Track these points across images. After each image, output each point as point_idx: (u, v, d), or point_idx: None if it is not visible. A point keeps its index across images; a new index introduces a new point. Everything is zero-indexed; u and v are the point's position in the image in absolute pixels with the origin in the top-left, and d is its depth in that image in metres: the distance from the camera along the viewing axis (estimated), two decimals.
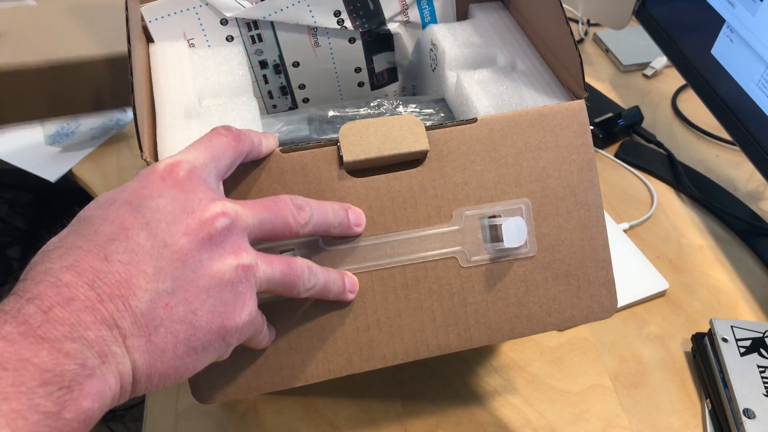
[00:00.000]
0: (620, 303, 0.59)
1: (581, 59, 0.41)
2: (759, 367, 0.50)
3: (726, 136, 0.70)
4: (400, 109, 0.51)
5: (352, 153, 0.37)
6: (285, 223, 0.33)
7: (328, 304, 0.38)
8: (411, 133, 0.38)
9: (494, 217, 0.39)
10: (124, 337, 0.26)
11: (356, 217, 0.37)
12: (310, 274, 0.34)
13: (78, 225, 0.29)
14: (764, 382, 0.49)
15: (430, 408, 0.52)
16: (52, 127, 0.80)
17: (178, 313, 0.28)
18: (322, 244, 0.38)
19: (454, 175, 0.39)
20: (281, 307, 0.37)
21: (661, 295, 0.61)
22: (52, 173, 0.77)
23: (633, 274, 0.61)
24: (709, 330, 0.54)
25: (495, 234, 0.39)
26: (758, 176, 0.71)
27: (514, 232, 0.38)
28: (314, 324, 0.38)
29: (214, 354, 0.30)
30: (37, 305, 0.25)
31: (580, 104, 0.40)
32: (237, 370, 0.37)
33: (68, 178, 0.77)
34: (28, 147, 0.81)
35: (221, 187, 0.33)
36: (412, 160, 0.39)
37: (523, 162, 0.40)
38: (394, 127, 0.38)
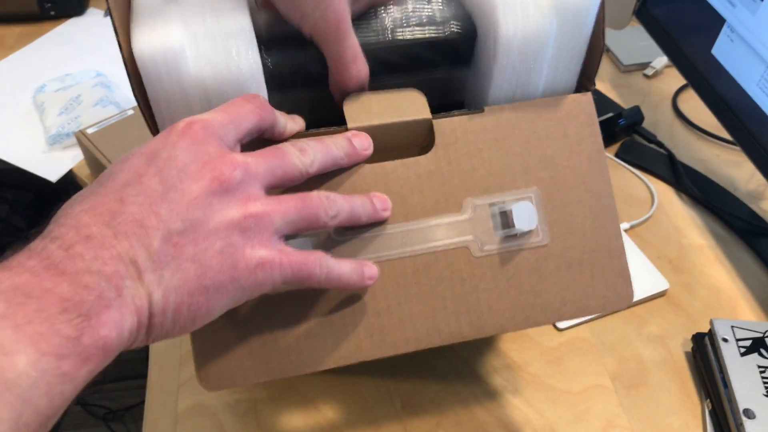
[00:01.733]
0: None
1: (602, 51, 0.41)
2: (759, 367, 0.50)
3: (726, 135, 0.70)
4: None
5: (356, 120, 0.38)
6: (294, 172, 0.34)
7: (337, 291, 0.38)
8: (414, 104, 0.39)
9: (504, 203, 0.39)
10: (139, 272, 0.28)
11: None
12: (329, 202, 0.34)
13: (98, 179, 0.31)
14: (764, 383, 0.49)
15: (430, 408, 0.52)
16: (53, 127, 0.80)
17: (187, 252, 0.29)
18: (333, 234, 0.38)
19: (461, 162, 0.39)
20: (291, 294, 0.37)
21: (662, 295, 0.61)
22: (52, 173, 0.77)
23: (633, 274, 0.61)
24: (710, 330, 0.54)
25: (505, 221, 0.39)
26: (759, 176, 0.71)
27: (525, 215, 0.38)
28: (324, 309, 0.38)
29: (227, 297, 0.31)
30: (59, 244, 0.27)
31: (588, 96, 0.41)
32: (244, 356, 0.36)
33: (68, 178, 0.77)
34: (29, 147, 0.81)
35: (238, 147, 0.34)
36: (418, 148, 0.39)
37: (531, 150, 0.40)
38: (398, 99, 0.39)
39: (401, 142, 0.39)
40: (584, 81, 0.43)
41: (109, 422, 1.33)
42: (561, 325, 0.57)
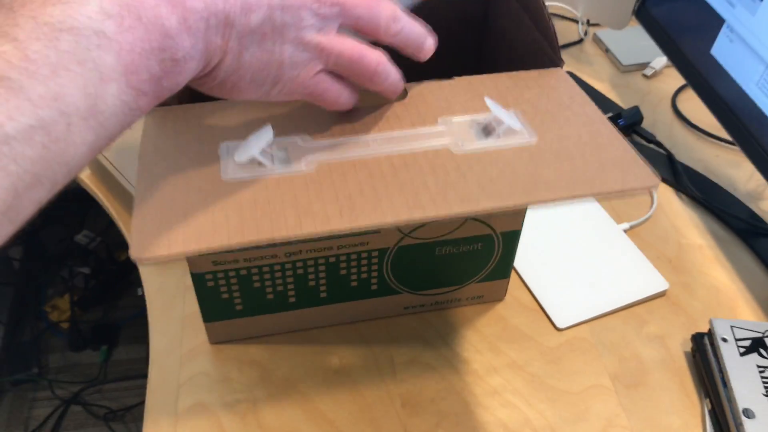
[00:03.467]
0: (620, 303, 0.59)
1: (554, 29, 0.42)
2: (759, 367, 0.50)
3: (726, 136, 0.70)
4: None
5: None
6: (374, 26, 0.36)
7: (302, 178, 0.35)
8: None
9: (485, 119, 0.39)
10: (229, 36, 0.31)
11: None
12: (397, 15, 0.36)
13: None
14: (764, 382, 0.49)
15: (430, 408, 0.52)
16: None
17: (267, 41, 0.32)
18: (304, 139, 0.38)
19: (436, 101, 0.40)
20: (253, 183, 0.35)
21: (661, 295, 0.61)
22: None
23: (633, 274, 0.62)
24: (709, 330, 0.54)
25: (488, 131, 0.37)
26: (758, 176, 0.71)
27: (507, 117, 0.37)
28: (286, 194, 0.34)
29: (263, 88, 0.35)
30: None
31: (559, 70, 0.41)
32: (188, 226, 0.32)
33: None
34: None
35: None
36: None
37: (508, 96, 0.40)
38: None
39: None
40: (554, 58, 0.44)
41: (110, 422, 1.33)
42: (561, 324, 0.57)
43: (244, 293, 0.52)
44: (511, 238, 0.54)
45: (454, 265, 0.54)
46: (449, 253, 0.53)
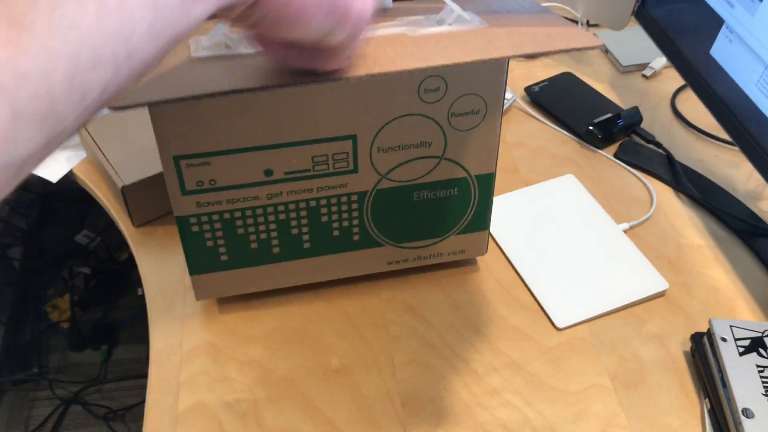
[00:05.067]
0: (620, 303, 0.59)
1: None
2: (758, 366, 0.51)
3: (725, 136, 0.70)
4: None
5: None
6: None
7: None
8: None
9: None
10: None
11: None
12: None
13: None
14: (763, 382, 0.50)
15: (430, 408, 0.52)
16: None
17: None
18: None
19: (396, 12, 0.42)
20: (220, 59, 0.37)
21: (661, 295, 0.61)
22: (53, 173, 0.77)
23: (632, 275, 0.62)
24: (708, 330, 0.54)
25: (441, 21, 0.39)
26: (757, 176, 0.71)
27: (459, 8, 0.39)
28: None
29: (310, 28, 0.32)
30: None
31: None
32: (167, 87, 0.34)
33: (69, 178, 0.77)
34: None
35: None
36: None
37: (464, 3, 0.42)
38: None
39: None
40: None
41: (110, 422, 1.33)
42: (560, 324, 0.57)
43: (229, 240, 0.53)
44: (487, 183, 0.56)
45: (432, 213, 0.56)
46: (427, 198, 0.55)
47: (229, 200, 0.51)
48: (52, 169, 0.78)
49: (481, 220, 0.58)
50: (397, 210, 0.55)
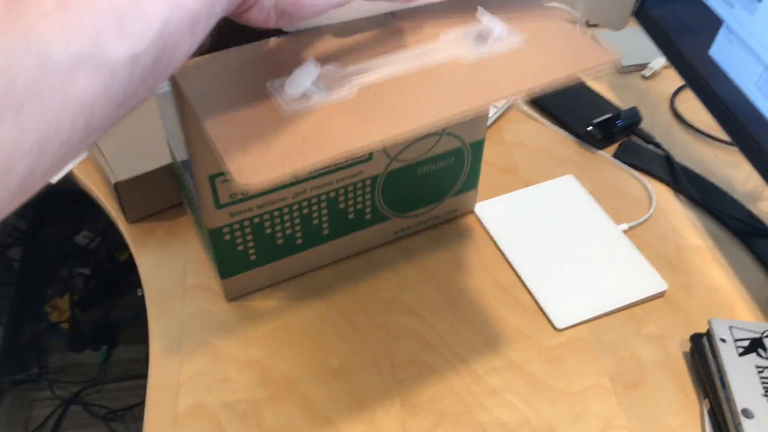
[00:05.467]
0: (619, 303, 0.59)
1: None
2: (757, 367, 0.51)
3: (724, 136, 0.71)
4: None
5: None
6: None
7: (351, 102, 0.40)
8: None
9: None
10: None
11: None
12: None
13: None
14: (762, 382, 0.50)
15: (429, 408, 0.52)
16: None
17: None
18: (335, 67, 0.41)
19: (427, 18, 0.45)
20: (310, 112, 0.39)
21: (660, 295, 0.61)
22: None
23: (632, 275, 0.62)
24: (708, 330, 0.54)
25: (480, 38, 0.43)
26: (756, 177, 0.71)
27: (491, 18, 0.42)
28: (342, 116, 0.39)
29: None
30: None
31: None
32: (275, 153, 0.37)
33: (69, 179, 0.77)
34: None
35: None
36: None
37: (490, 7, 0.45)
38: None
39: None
40: None
41: (110, 422, 1.33)
42: (560, 325, 0.57)
43: (257, 241, 0.56)
44: (478, 148, 0.62)
45: (433, 182, 0.62)
46: (429, 171, 0.61)
47: (259, 206, 0.54)
48: None
49: (473, 181, 0.65)
50: (403, 185, 0.60)
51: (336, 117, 0.38)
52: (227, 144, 0.36)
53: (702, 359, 0.53)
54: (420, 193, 0.62)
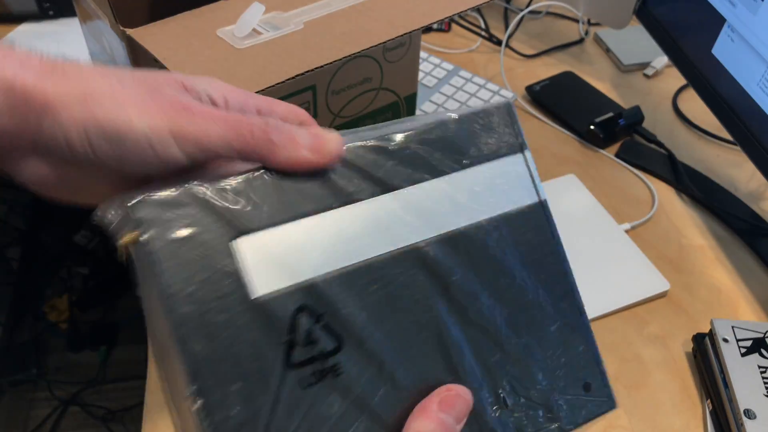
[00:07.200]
0: (621, 303, 0.59)
1: None
2: (760, 367, 0.50)
3: (727, 135, 0.70)
4: None
5: None
6: None
7: (298, 33, 0.45)
8: None
9: None
10: None
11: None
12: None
13: None
14: (765, 383, 0.49)
15: None
16: None
17: None
18: (278, 12, 0.48)
19: None
20: (263, 45, 0.45)
21: (662, 295, 0.60)
22: None
23: (634, 275, 0.61)
24: (710, 330, 0.53)
25: None
26: (759, 176, 0.70)
27: None
28: (294, 44, 0.46)
29: None
30: None
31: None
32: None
33: None
34: None
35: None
36: None
37: None
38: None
39: None
40: None
41: (109, 422, 1.33)
42: None
43: None
44: (412, 101, 0.67)
45: None
46: (368, 125, 0.62)
47: None
48: None
49: None
50: None
51: (289, 46, 0.43)
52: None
53: (704, 359, 0.53)
54: None
